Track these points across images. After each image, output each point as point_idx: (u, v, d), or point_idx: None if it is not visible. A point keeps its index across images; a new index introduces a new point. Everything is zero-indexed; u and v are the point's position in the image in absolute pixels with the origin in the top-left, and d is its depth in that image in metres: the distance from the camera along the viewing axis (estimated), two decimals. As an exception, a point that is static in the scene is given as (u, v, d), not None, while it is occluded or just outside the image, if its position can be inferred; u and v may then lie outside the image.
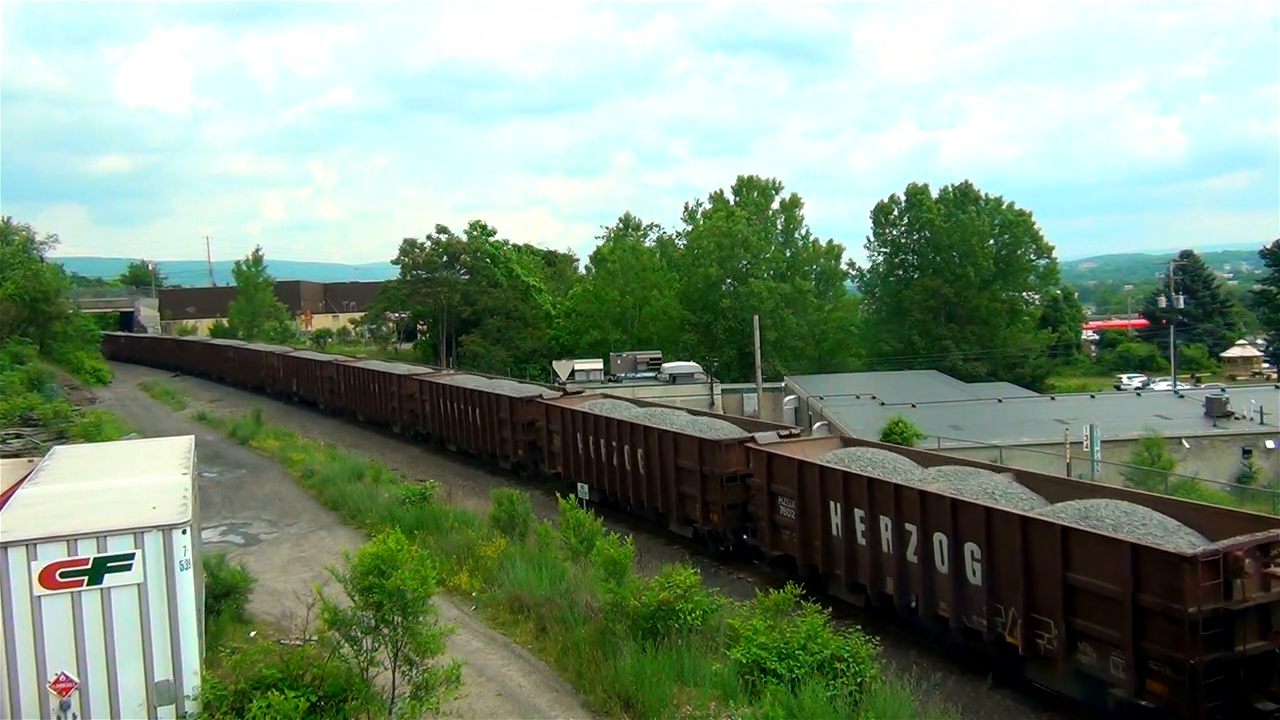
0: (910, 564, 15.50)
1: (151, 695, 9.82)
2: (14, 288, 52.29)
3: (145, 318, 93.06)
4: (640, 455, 23.48)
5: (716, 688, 12.05)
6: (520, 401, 29.99)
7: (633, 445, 23.78)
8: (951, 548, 14.67)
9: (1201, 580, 11.46)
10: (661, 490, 22.77)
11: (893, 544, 15.86)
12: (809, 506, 17.87)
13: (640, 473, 23.56)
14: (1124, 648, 12.16)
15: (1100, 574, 12.48)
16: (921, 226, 72.97)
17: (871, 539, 16.35)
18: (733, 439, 21.03)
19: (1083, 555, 12.73)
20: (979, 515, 14.18)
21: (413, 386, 37.92)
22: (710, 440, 21.10)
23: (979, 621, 14.33)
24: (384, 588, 10.34)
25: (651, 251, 77.46)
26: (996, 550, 13.95)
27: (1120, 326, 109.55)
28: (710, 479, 20.84)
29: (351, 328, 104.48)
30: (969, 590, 14.45)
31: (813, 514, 17.79)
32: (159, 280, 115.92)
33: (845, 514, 17.00)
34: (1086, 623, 12.72)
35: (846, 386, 48.47)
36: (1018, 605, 13.57)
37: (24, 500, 11.53)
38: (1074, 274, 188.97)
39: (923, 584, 15.25)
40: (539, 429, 28.95)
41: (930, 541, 15.09)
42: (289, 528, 23.17)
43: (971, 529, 14.33)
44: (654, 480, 23.03)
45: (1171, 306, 78.16)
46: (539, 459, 29.27)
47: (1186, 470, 31.61)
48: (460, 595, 17.13)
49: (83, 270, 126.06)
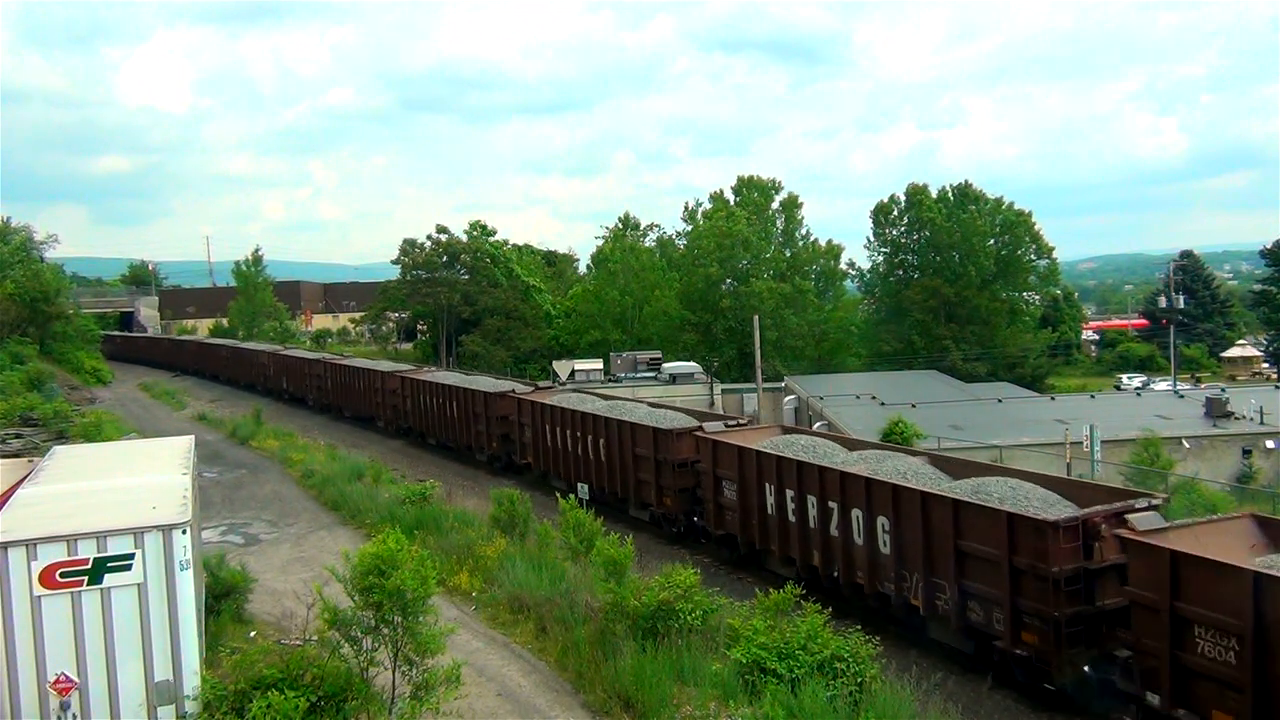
0: (833, 538, 17.24)
1: (151, 695, 9.82)
2: (14, 287, 52.30)
3: (145, 318, 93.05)
4: (602, 445, 25.07)
5: (716, 688, 12.05)
6: (494, 396, 31.59)
7: (595, 435, 25.38)
8: (866, 522, 16.43)
9: (1063, 543, 13.11)
10: (621, 477, 24.35)
11: (818, 520, 17.58)
12: (747, 488, 19.50)
13: (602, 461, 25.17)
14: (1003, 604, 13.88)
15: (984, 540, 14.20)
16: (922, 226, 72.93)
17: (800, 516, 18.06)
18: (683, 428, 22.62)
19: (971, 525, 14.43)
20: (887, 492, 15.95)
21: (395, 383, 39.44)
22: (663, 429, 22.70)
23: (889, 586, 16.01)
24: (384, 588, 10.34)
25: (651, 251, 77.44)
26: (902, 523, 15.65)
27: (1120, 326, 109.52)
28: (664, 465, 22.52)
29: (351, 328, 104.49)
30: (880, 559, 16.18)
31: (751, 495, 19.43)
32: (159, 280, 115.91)
33: (778, 494, 18.66)
34: (974, 584, 14.41)
35: (846, 386, 48.46)
36: (920, 570, 15.30)
37: (24, 500, 11.53)
38: (1074, 274, 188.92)
39: (843, 555, 17.01)
40: (511, 422, 30.60)
41: (849, 517, 16.81)
42: (289, 528, 23.18)
43: (882, 505, 16.04)
44: (614, 467, 24.62)
45: (1171, 306, 78.14)
46: (512, 450, 30.84)
47: (1186, 470, 31.60)
48: (460, 595, 17.13)
49: (83, 270, 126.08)
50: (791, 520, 18.34)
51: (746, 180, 74.42)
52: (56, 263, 69.23)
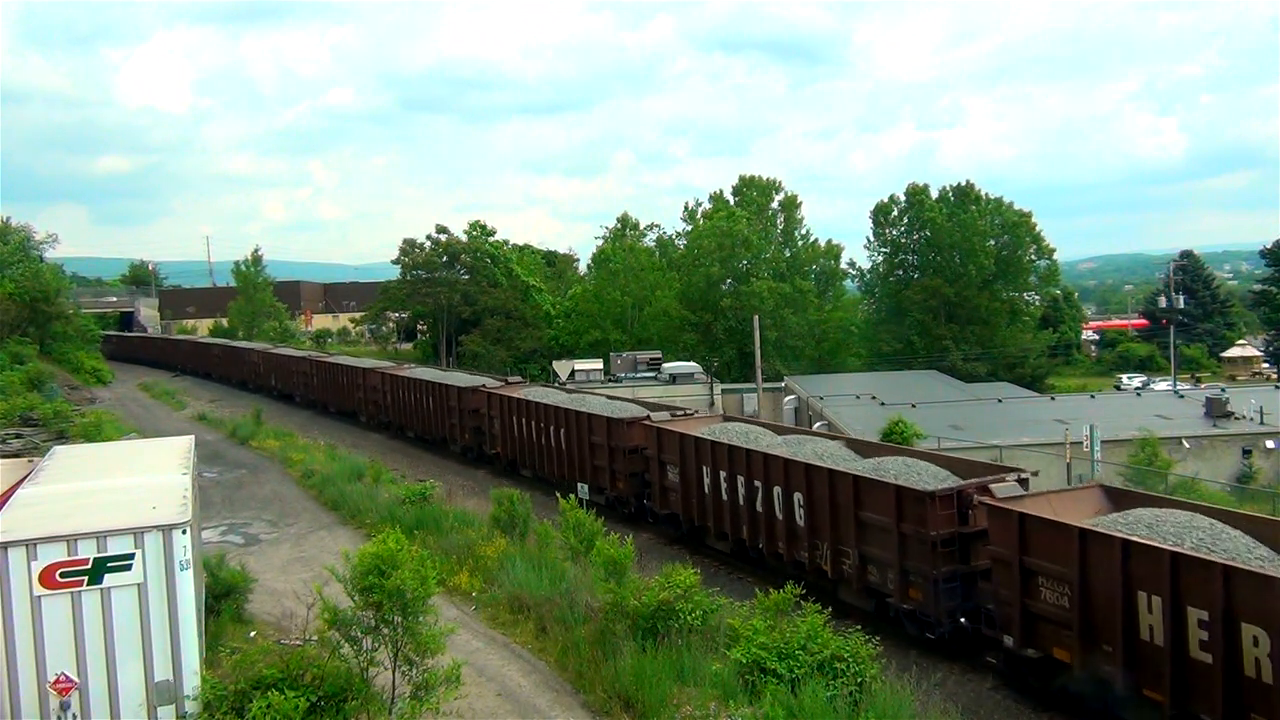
0: (758, 513, 19.23)
1: (151, 695, 9.82)
2: (13, 287, 52.28)
3: (145, 318, 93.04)
4: (563, 434, 26.97)
5: (716, 688, 12.04)
6: (466, 391, 33.43)
7: (556, 426, 27.32)
8: (784, 498, 18.44)
9: (940, 511, 15.00)
10: (579, 463, 26.17)
11: (746, 498, 19.56)
12: (688, 471, 21.54)
13: (563, 449, 27.07)
14: (894, 566, 15.93)
15: (878, 510, 16.20)
16: (922, 226, 72.97)
17: (731, 495, 20.07)
18: (634, 417, 24.68)
19: (869, 497, 16.47)
20: (801, 471, 17.99)
21: (376, 379, 41.19)
22: (616, 419, 24.76)
23: (803, 555, 18.05)
24: (384, 588, 10.34)
25: (651, 251, 77.46)
26: (814, 498, 17.68)
27: (1120, 326, 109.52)
28: (616, 451, 24.54)
29: (351, 328, 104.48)
30: (797, 530, 18.22)
31: (691, 477, 21.47)
32: (159, 280, 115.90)
33: (713, 476, 20.65)
34: (872, 549, 16.48)
35: (846, 386, 48.46)
36: (828, 539, 17.39)
37: (24, 500, 11.53)
38: (1074, 274, 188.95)
39: (766, 529, 19.04)
40: (482, 415, 32.36)
41: (771, 494, 18.81)
42: (289, 528, 23.18)
43: (797, 482, 18.10)
44: (574, 455, 26.49)
45: (1171, 306, 78.15)
46: (482, 441, 32.55)
47: (1186, 470, 31.60)
48: (460, 595, 17.13)
49: (83, 270, 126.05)
50: (724, 499, 20.31)
51: (746, 180, 74.48)
52: (56, 263, 69.22)
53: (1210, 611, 11.31)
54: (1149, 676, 12.06)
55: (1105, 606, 12.54)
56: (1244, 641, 11.04)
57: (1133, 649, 12.27)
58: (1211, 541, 12.37)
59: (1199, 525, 12.74)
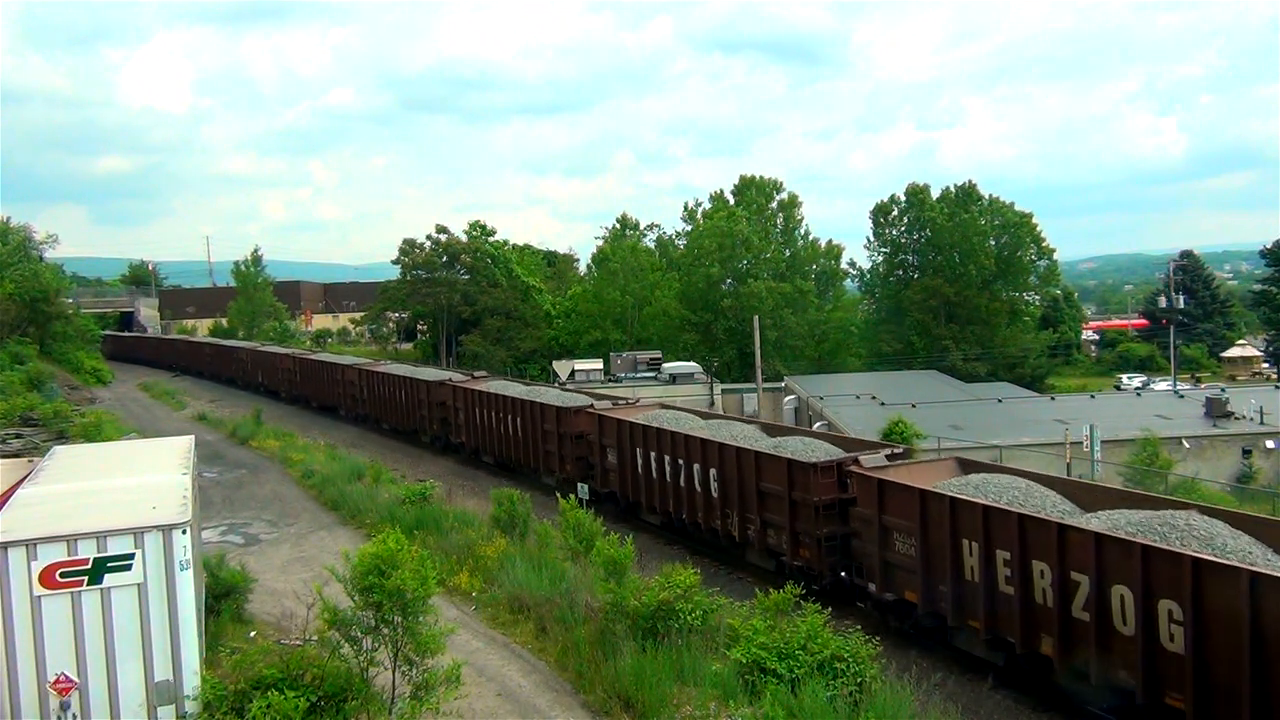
0: (682, 488, 21.61)
1: (151, 695, 9.81)
2: (13, 287, 52.24)
3: (145, 318, 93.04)
4: (519, 423, 29.33)
5: (716, 688, 12.04)
6: (434, 385, 35.81)
7: (513, 415, 29.73)
8: (702, 474, 20.85)
9: (821, 480, 17.47)
10: (533, 450, 28.62)
11: (671, 476, 22.01)
12: (624, 454, 23.97)
13: (518, 436, 29.42)
14: (786, 529, 18.28)
15: (774, 481, 18.60)
16: (922, 226, 72.96)
17: (660, 474, 22.47)
18: (579, 406, 27.04)
19: (767, 470, 18.86)
20: (715, 449, 20.48)
21: (353, 374, 43.31)
22: (564, 407, 27.14)
23: (717, 523, 20.43)
24: (384, 588, 10.33)
25: (651, 251, 77.43)
26: (725, 473, 20.05)
27: (1120, 326, 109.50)
28: (565, 437, 26.87)
29: (352, 328, 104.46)
30: (712, 502, 20.52)
31: (627, 459, 23.87)
32: (159, 280, 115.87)
33: (645, 457, 23.07)
34: (770, 515, 18.85)
35: (847, 386, 48.47)
36: (736, 508, 19.74)
37: (24, 500, 11.52)
38: (1074, 274, 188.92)
39: (689, 501, 21.45)
40: (449, 407, 34.48)
41: (691, 471, 21.20)
42: (289, 528, 23.17)
43: (712, 459, 20.51)
44: (529, 442, 28.84)
45: (1171, 306, 78.15)
46: (449, 431, 34.69)
47: (1187, 470, 31.60)
48: (460, 595, 17.12)
49: (83, 270, 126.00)
50: (655, 478, 22.74)
51: (746, 180, 74.45)
52: (56, 263, 69.19)
53: (1011, 553, 13.74)
54: (971, 609, 14.50)
55: (940, 553, 14.98)
56: (1034, 575, 13.48)
57: (959, 587, 14.70)
58: (1023, 499, 14.88)
59: (1016, 486, 15.27)
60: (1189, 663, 11.35)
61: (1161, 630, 11.70)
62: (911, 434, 31.83)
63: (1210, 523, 12.79)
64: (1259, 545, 12.42)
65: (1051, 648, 13.15)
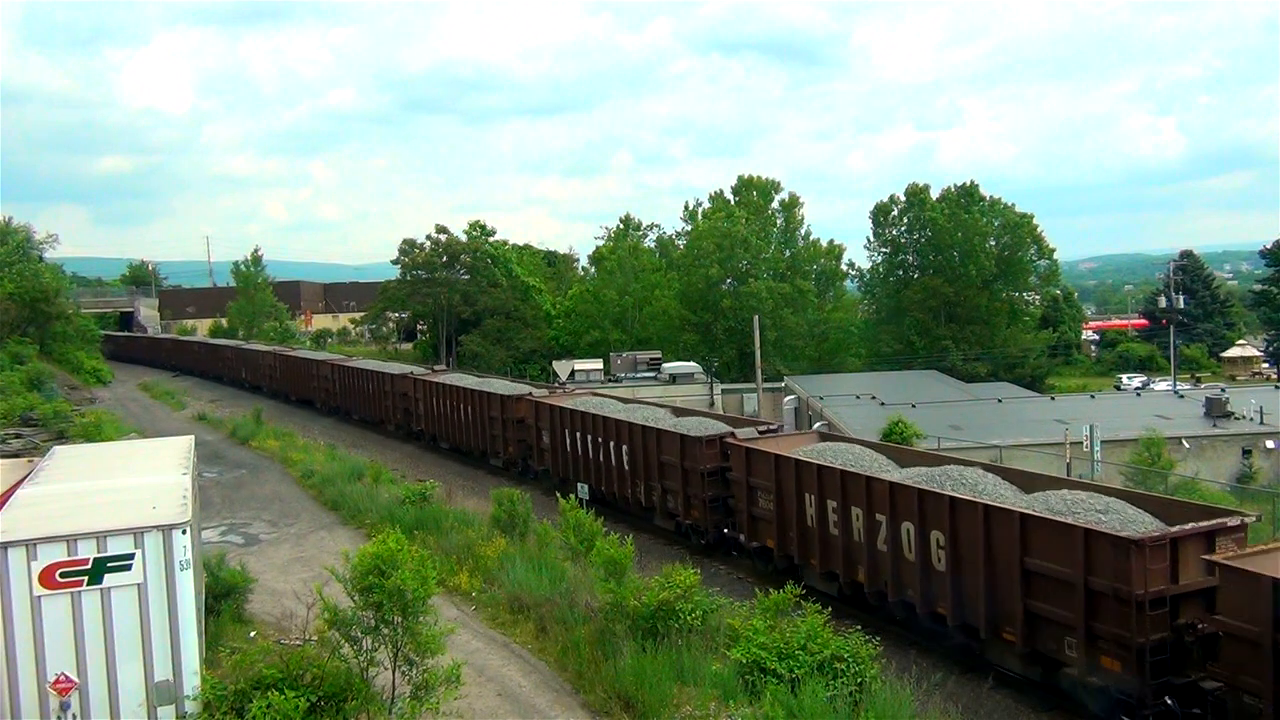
0: (602, 464, 24.97)
1: (151, 695, 9.81)
2: (13, 287, 52.22)
3: (145, 318, 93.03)
4: (469, 411, 32.75)
5: (716, 688, 12.04)
6: (398, 378, 39.26)
7: (465, 405, 33.10)
8: (616, 451, 24.30)
9: (706, 451, 21.03)
10: (482, 435, 31.94)
11: (593, 453, 25.36)
12: (556, 436, 27.32)
13: (469, 423, 32.80)
14: (680, 493, 21.88)
15: (672, 454, 22.06)
16: (922, 226, 72.87)
17: (584, 452, 25.76)
18: (520, 395, 30.53)
19: (666, 445, 22.31)
20: (626, 429, 23.94)
21: (327, 369, 46.66)
22: (508, 396, 30.56)
23: (628, 492, 23.99)
24: (384, 588, 10.32)
25: (651, 251, 77.39)
26: (634, 449, 23.57)
27: (1120, 326, 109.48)
28: (508, 424, 30.24)
29: (351, 328, 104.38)
30: (624, 474, 24.11)
31: (558, 440, 27.18)
32: (159, 280, 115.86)
33: (572, 438, 26.37)
34: (669, 483, 22.28)
35: (847, 386, 48.45)
36: (643, 479, 23.28)
37: (24, 500, 11.52)
38: (1074, 274, 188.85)
39: (606, 475, 24.88)
40: (410, 398, 37.79)
41: (609, 449, 24.64)
42: (289, 528, 23.17)
43: (624, 437, 23.93)
44: (478, 428, 32.19)
45: (1171, 306, 78.09)
46: (410, 420, 37.98)
47: (1187, 470, 31.57)
48: (460, 595, 17.12)
49: (83, 270, 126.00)
50: (581, 455, 25.96)
51: (746, 181, 74.40)
52: (56, 263, 69.20)
53: (836, 502, 17.26)
54: (811, 549, 18.08)
55: (788, 505, 18.48)
56: (852, 519, 16.96)
57: (803, 532, 18.26)
58: (855, 461, 18.23)
59: (852, 451, 19.01)
60: (946, 579, 14.90)
61: (933, 555, 15.19)
62: (911, 434, 31.78)
63: (981, 474, 16.21)
64: (1015, 490, 15.64)
65: (863, 575, 16.73)
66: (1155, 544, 12.25)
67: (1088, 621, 12.74)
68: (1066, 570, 13.00)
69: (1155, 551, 12.22)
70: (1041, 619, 13.48)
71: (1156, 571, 12.20)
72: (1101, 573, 12.56)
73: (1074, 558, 12.87)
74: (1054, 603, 13.25)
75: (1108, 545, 12.52)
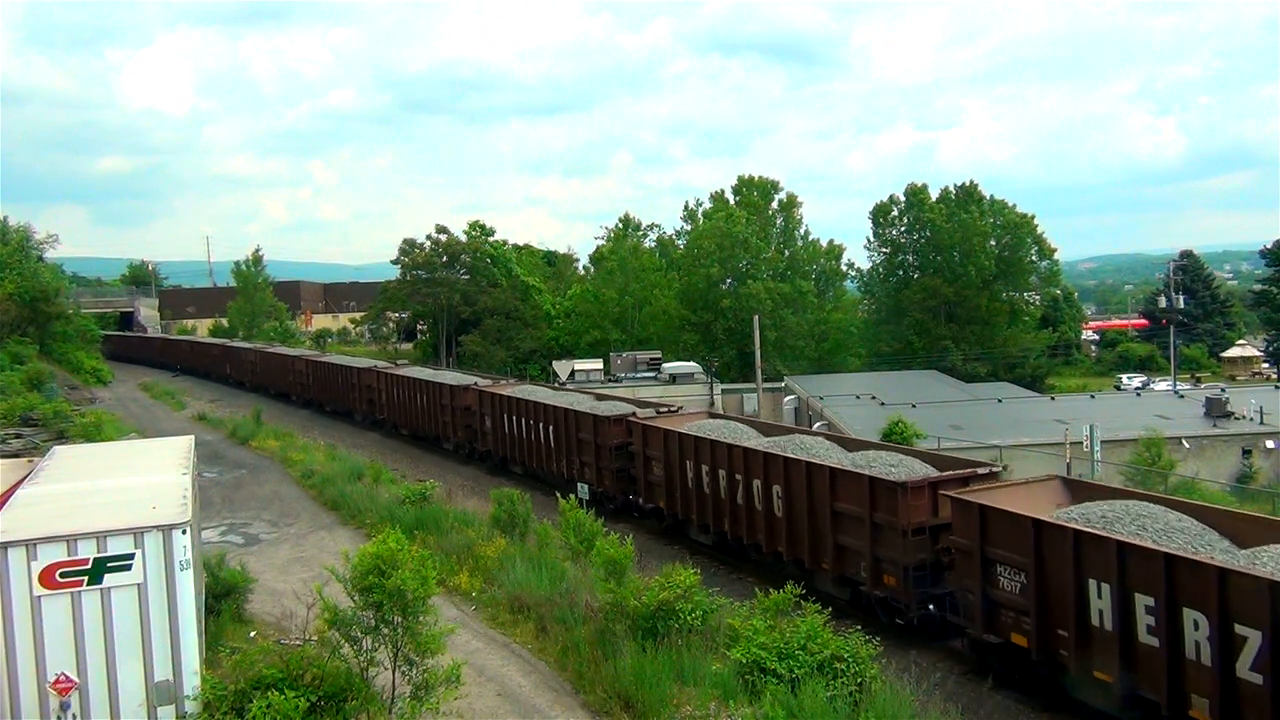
0: (533, 442, 29.21)
1: (151, 695, 9.81)
2: (13, 287, 52.19)
3: (145, 318, 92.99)
4: (424, 400, 36.79)
5: (716, 688, 12.03)
6: (364, 371, 43.35)
7: (420, 394, 37.10)
8: (544, 431, 28.49)
9: (611, 429, 25.05)
10: (435, 421, 36.01)
11: (526, 434, 29.65)
12: (496, 421, 31.68)
13: (425, 411, 36.79)
14: (593, 466, 25.95)
15: (585, 432, 26.12)
16: (922, 226, 72.82)
17: (518, 433, 30.21)
18: (466, 385, 34.73)
19: (581, 425, 26.43)
20: (551, 411, 28.02)
21: (301, 364, 50.53)
22: (456, 386, 34.80)
23: (553, 467, 28.15)
24: (384, 588, 10.32)
25: (651, 251, 77.34)
26: (558, 428, 27.54)
27: (1120, 326, 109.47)
28: (457, 410, 34.29)
29: (351, 328, 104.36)
30: (551, 451, 28.17)
31: (498, 425, 31.65)
32: (159, 280, 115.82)
33: (509, 422, 30.88)
34: (585, 458, 26.24)
35: (847, 386, 48.43)
36: (565, 454, 27.36)
37: (24, 500, 11.52)
38: (1074, 274, 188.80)
39: (543, 454, 28.73)
40: (374, 389, 41.89)
41: (538, 429, 28.78)
42: (289, 528, 23.17)
43: (549, 419, 28.18)
44: (431, 415, 36.23)
45: (1171, 306, 78.08)
46: (374, 410, 41.93)
47: (1187, 470, 31.57)
48: (460, 595, 17.12)
49: (83, 270, 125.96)
50: (516, 436, 30.38)
51: (746, 181, 74.36)
52: (56, 263, 69.15)
53: (708, 466, 20.95)
54: (693, 508, 21.58)
55: (674, 473, 22.15)
56: (720, 480, 20.45)
57: (685, 495, 21.71)
58: (728, 434, 21.39)
59: (727, 426, 22.56)
60: (782, 524, 18.72)
61: (774, 505, 18.91)
62: (911, 434, 31.78)
63: (817, 440, 20.24)
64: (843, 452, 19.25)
65: (728, 526, 20.50)
66: (916, 486, 15.96)
67: (873, 549, 16.44)
68: (859, 509, 16.66)
69: (916, 492, 15.85)
70: (846, 549, 17.22)
71: (918, 507, 15.78)
72: (881, 510, 16.25)
73: (864, 500, 16.56)
74: (853, 536, 16.98)
75: (884, 489, 16.24)
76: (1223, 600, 10.94)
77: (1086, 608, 12.64)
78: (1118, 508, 13.60)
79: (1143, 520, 13.12)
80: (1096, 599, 12.50)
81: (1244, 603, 10.77)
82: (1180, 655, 11.50)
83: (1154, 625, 11.76)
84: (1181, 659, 11.49)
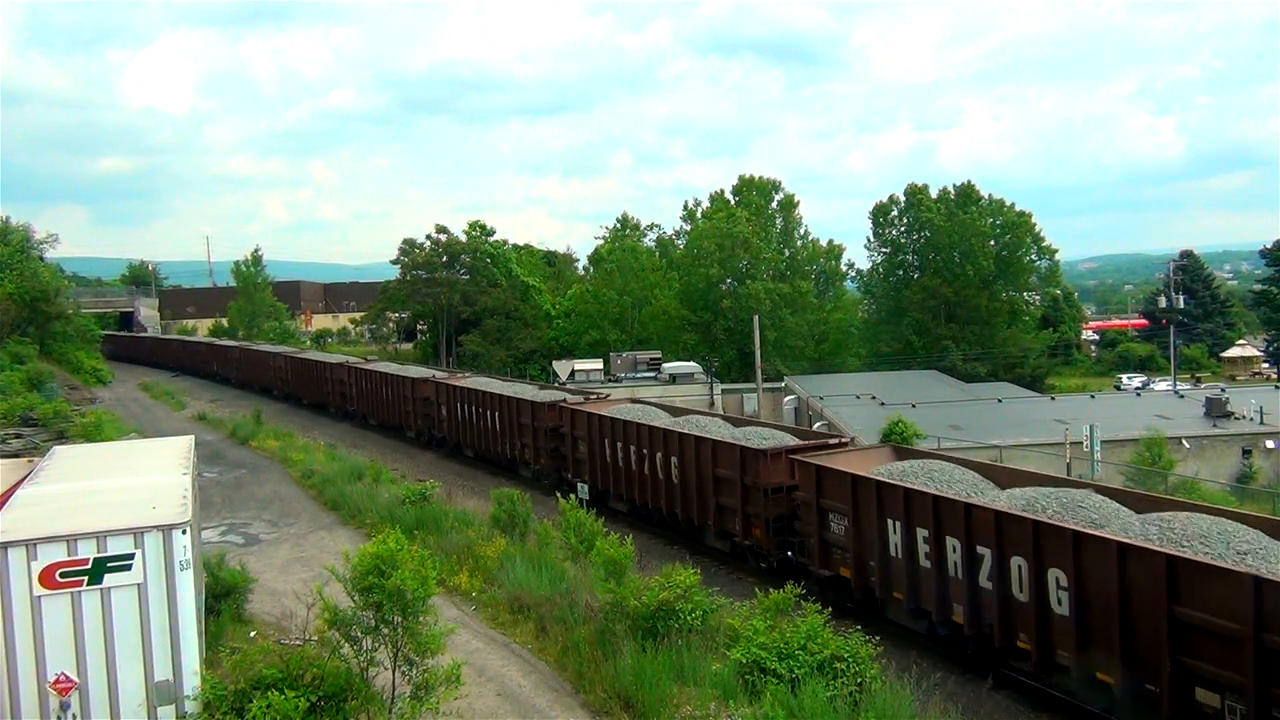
0: (482, 428, 31.92)
1: (151, 695, 9.81)
2: (13, 287, 52.18)
3: (145, 318, 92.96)
4: (389, 392, 39.74)
5: (716, 688, 12.03)
6: (336, 366, 46.22)
7: (387, 388, 40.00)
8: (491, 418, 31.28)
9: (548, 413, 27.86)
10: (399, 411, 38.88)
11: (476, 420, 32.39)
12: (450, 410, 34.28)
13: (389, 402, 39.67)
14: (530, 446, 28.89)
15: (526, 418, 28.91)
16: (921, 227, 72.82)
17: (466, 419, 33.19)
18: (425, 378, 37.62)
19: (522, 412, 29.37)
20: (503, 400, 30.54)
21: (281, 361, 53.29)
22: (415, 379, 37.79)
23: (504, 451, 30.68)
24: (384, 588, 10.32)
25: (650, 251, 77.34)
26: (502, 416, 30.45)
27: (1120, 326, 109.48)
28: (417, 401, 37.14)
29: (352, 328, 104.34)
30: (492, 433, 31.15)
31: (453, 413, 34.03)
32: (159, 280, 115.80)
33: (461, 410, 33.52)
34: (526, 440, 29.12)
35: (847, 386, 48.45)
36: (508, 437, 30.25)
37: (24, 500, 11.52)
38: (1074, 274, 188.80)
39: (490, 438, 31.41)
40: (346, 383, 44.57)
41: (484, 415, 31.67)
42: (289, 528, 23.17)
43: (498, 407, 30.76)
44: (395, 405, 39.24)
45: (1171, 306, 78.10)
46: (346, 402, 44.56)
47: (1187, 470, 31.58)
48: (460, 595, 17.11)
49: (83, 270, 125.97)
50: (463, 421, 33.25)
51: (745, 181, 74.37)
52: (56, 263, 69.17)
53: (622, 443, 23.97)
54: (612, 483, 24.52)
55: (596, 450, 25.09)
56: (631, 456, 23.58)
57: (605, 471, 24.69)
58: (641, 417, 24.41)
59: (644, 409, 25.91)
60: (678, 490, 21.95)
61: (672, 473, 21.89)
62: (911, 434, 31.78)
63: (711, 419, 23.76)
64: (730, 428, 22.17)
65: (637, 494, 23.43)
66: (775, 453, 19.22)
67: (744, 506, 19.61)
68: (733, 474, 19.83)
69: (775, 458, 19.09)
70: (725, 508, 20.37)
71: (777, 470, 18.91)
72: (749, 474, 19.43)
73: (736, 466, 19.77)
74: (729, 496, 20.13)
75: (750, 455, 19.50)
76: (969, 528, 14.22)
77: (887, 543, 15.89)
78: (918, 465, 16.92)
79: (933, 474, 16.32)
80: (893, 535, 15.76)
81: (980, 529, 14.05)
82: (945, 574, 14.69)
83: (929, 552, 14.97)
84: (947, 577, 14.68)
